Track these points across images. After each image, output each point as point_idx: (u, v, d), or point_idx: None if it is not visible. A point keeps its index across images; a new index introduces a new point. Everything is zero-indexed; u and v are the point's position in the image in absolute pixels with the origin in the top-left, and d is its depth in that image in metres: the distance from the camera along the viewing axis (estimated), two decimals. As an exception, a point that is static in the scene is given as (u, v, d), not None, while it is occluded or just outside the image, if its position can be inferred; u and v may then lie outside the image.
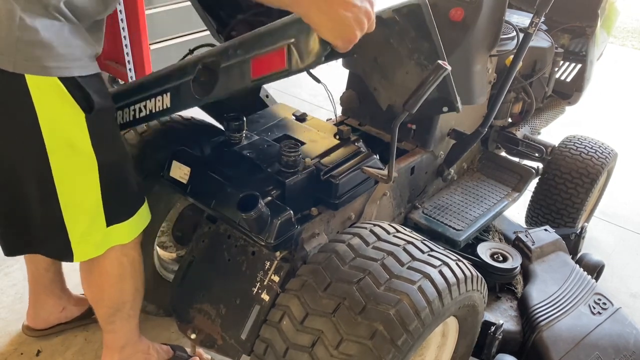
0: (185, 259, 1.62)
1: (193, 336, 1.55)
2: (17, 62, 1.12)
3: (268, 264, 1.43)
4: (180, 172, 1.54)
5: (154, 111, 1.43)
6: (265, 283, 1.42)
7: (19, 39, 1.11)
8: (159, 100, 1.41)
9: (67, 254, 1.37)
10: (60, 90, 1.18)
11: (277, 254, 1.43)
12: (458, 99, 1.50)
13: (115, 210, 1.38)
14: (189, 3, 3.41)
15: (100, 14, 1.25)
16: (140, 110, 1.46)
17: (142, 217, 1.47)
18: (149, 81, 1.44)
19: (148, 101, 1.43)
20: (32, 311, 1.89)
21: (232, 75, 1.27)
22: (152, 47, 3.34)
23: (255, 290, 1.43)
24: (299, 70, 1.16)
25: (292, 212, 1.39)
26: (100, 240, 1.39)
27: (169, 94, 1.39)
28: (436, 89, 1.30)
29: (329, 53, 1.10)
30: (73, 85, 1.19)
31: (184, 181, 1.54)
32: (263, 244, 1.39)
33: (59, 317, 1.92)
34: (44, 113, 1.19)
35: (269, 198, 1.41)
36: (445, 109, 1.54)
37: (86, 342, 1.95)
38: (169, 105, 1.39)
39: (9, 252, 1.44)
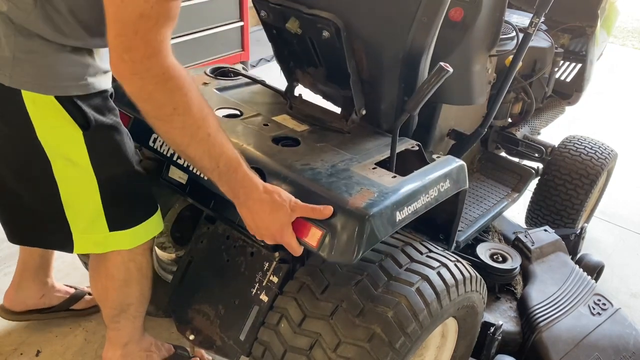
0: (184, 260, 1.62)
1: (192, 337, 1.55)
2: (13, 77, 1.13)
3: (267, 264, 1.43)
4: (178, 173, 1.54)
5: (195, 172, 1.39)
6: (264, 284, 1.42)
7: (16, 57, 1.11)
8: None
9: (68, 245, 1.37)
10: (56, 108, 1.17)
11: (276, 255, 1.43)
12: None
13: (118, 218, 1.37)
14: (189, 3, 3.42)
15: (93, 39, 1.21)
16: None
17: (150, 226, 1.44)
18: None
19: None
20: (12, 291, 1.89)
21: None
22: (152, 46, 3.34)
23: (254, 291, 1.43)
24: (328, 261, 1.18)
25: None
26: (101, 241, 1.39)
27: None
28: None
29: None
30: (70, 103, 1.18)
31: (183, 182, 1.53)
32: (262, 244, 1.39)
33: (36, 302, 1.92)
34: (41, 127, 1.19)
35: None
36: None
37: (86, 342, 1.95)
38: (207, 179, 1.31)
39: (13, 240, 1.45)
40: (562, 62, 2.52)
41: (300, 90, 1.70)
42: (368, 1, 1.41)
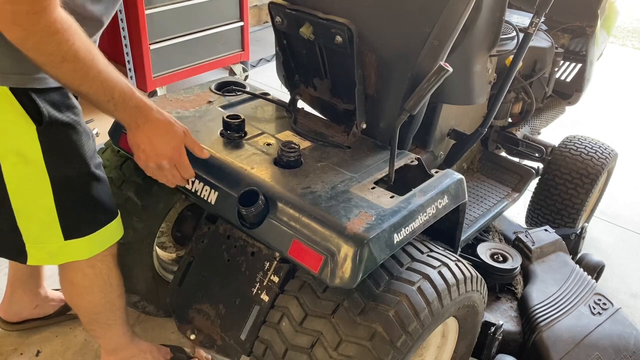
0: (185, 260, 1.62)
1: (192, 337, 1.55)
2: None
3: (267, 264, 1.43)
4: None
5: (200, 195, 1.41)
6: (264, 283, 1.42)
7: None
8: (206, 191, 1.40)
9: (21, 255, 1.33)
10: (10, 99, 1.15)
11: (277, 254, 1.43)
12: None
13: (72, 224, 1.33)
14: (189, 3, 3.43)
15: None
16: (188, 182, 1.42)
17: (108, 233, 1.41)
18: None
19: (197, 181, 1.41)
20: (5, 303, 1.89)
21: (273, 230, 1.27)
22: (152, 47, 3.34)
23: (255, 290, 1.43)
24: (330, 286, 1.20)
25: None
26: (56, 251, 1.35)
27: (217, 193, 1.39)
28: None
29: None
30: (24, 95, 1.16)
31: None
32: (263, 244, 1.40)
33: (31, 313, 1.92)
34: None
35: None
36: None
37: (86, 342, 1.95)
38: (213, 203, 1.39)
39: None
40: (562, 62, 2.53)
41: (302, 103, 1.72)
42: (384, 16, 1.43)
